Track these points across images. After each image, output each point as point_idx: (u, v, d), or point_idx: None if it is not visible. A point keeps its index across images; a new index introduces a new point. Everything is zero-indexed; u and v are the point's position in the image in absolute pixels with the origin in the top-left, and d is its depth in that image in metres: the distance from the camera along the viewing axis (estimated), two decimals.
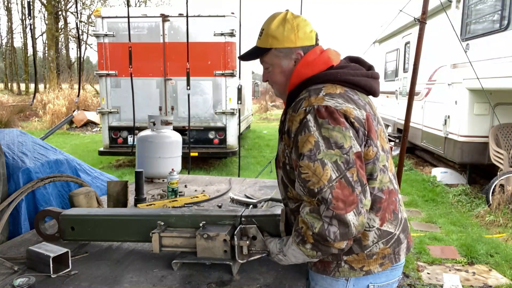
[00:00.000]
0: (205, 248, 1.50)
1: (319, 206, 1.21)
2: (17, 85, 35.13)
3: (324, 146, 1.22)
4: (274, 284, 1.45)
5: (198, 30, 7.23)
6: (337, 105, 1.27)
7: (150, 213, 1.75)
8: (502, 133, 5.70)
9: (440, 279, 3.47)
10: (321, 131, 1.23)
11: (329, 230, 1.19)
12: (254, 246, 1.47)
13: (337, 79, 1.35)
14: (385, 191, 1.34)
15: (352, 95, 1.34)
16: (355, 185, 1.21)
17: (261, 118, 19.67)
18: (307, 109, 1.26)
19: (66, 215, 1.78)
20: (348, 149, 1.22)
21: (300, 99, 1.33)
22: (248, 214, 1.58)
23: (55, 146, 2.83)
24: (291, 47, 1.41)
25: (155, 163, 2.99)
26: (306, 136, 1.24)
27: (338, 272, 1.36)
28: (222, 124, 7.62)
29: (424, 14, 3.30)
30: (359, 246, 1.33)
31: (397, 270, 1.42)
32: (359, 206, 1.20)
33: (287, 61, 1.42)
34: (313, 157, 1.21)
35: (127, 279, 1.48)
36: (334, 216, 1.18)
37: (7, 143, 2.37)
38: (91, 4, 28.27)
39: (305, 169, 1.22)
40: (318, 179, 1.20)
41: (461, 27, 6.03)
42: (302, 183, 1.24)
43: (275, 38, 1.41)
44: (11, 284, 1.39)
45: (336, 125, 1.23)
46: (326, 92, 1.30)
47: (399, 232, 1.39)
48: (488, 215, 5.03)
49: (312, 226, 1.21)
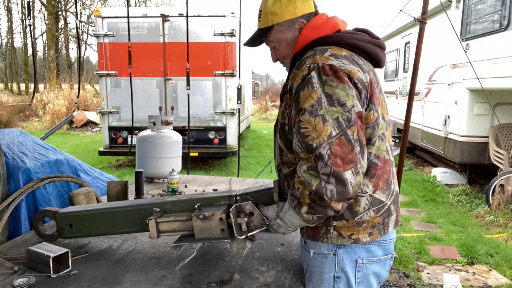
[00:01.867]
0: (202, 229, 1.49)
1: (316, 162, 1.18)
2: (17, 85, 35.13)
3: (327, 102, 1.21)
4: (274, 284, 1.46)
5: (198, 30, 7.23)
6: (342, 65, 1.26)
7: (146, 202, 1.75)
8: (502, 133, 5.70)
9: (440, 279, 3.47)
10: (324, 88, 1.22)
11: (326, 188, 1.17)
12: (252, 222, 1.47)
13: (343, 41, 1.34)
14: (381, 158, 1.33)
15: (357, 59, 1.33)
16: (354, 144, 1.19)
17: (261, 118, 19.67)
18: (312, 66, 1.26)
19: (63, 213, 1.78)
20: (350, 107, 1.21)
21: (305, 57, 1.31)
22: (243, 192, 1.57)
23: (55, 146, 2.83)
24: (292, 18, 1.41)
25: (155, 163, 2.99)
26: (308, 92, 1.23)
27: (326, 238, 1.34)
28: (222, 124, 7.62)
29: (424, 14, 3.30)
30: (350, 211, 1.32)
31: (386, 245, 1.39)
32: (358, 166, 1.19)
33: (291, 32, 1.42)
34: (315, 112, 1.20)
35: (127, 279, 1.48)
36: (332, 173, 1.16)
37: (7, 143, 2.37)
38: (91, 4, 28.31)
39: (305, 124, 1.21)
40: (318, 134, 1.19)
41: (461, 27, 6.03)
42: (301, 138, 1.22)
43: (274, 14, 1.41)
44: (11, 284, 1.39)
45: (339, 83, 1.22)
46: (331, 53, 1.29)
47: (390, 203, 1.37)
48: (488, 215, 5.03)
49: (309, 183, 1.19)
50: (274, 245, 1.82)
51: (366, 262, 1.37)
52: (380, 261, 1.39)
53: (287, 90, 1.35)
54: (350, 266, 1.36)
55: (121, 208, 1.74)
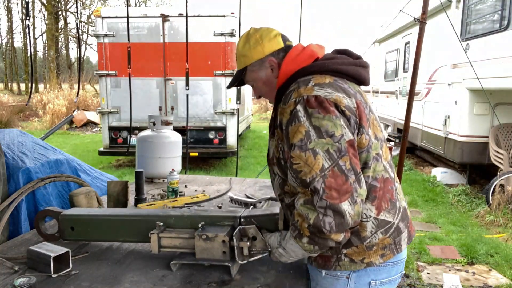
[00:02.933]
0: (203, 249, 1.49)
1: (312, 196, 1.18)
2: (17, 85, 35.13)
3: (315, 135, 1.20)
4: (274, 284, 1.46)
5: (198, 30, 7.23)
6: (327, 94, 1.26)
7: (149, 213, 1.75)
8: (502, 133, 5.70)
9: (440, 279, 3.48)
10: (312, 121, 1.22)
11: (324, 221, 1.16)
12: (254, 247, 1.46)
13: (324, 69, 1.35)
14: (379, 179, 1.32)
15: (341, 84, 1.32)
16: (348, 174, 1.18)
17: (261, 118, 19.67)
18: (297, 99, 1.26)
19: (66, 215, 1.78)
20: (339, 137, 1.20)
21: (290, 91, 1.32)
22: (247, 214, 1.57)
23: (55, 146, 2.83)
24: (261, 58, 1.44)
25: (155, 163, 2.99)
26: (296, 127, 1.23)
27: (339, 266, 1.33)
28: (222, 124, 7.62)
29: (424, 14, 3.31)
30: (357, 238, 1.31)
31: (398, 265, 1.39)
32: (354, 195, 1.17)
33: (264, 71, 1.46)
34: (304, 147, 1.20)
35: (127, 278, 1.48)
36: (328, 206, 1.16)
37: (7, 143, 2.37)
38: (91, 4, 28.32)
39: (297, 159, 1.21)
40: (310, 168, 1.18)
41: (461, 27, 6.03)
42: (294, 173, 1.22)
43: (245, 56, 1.46)
44: (11, 284, 1.39)
45: (326, 114, 1.22)
46: (315, 83, 1.29)
47: (398, 221, 1.35)
48: (488, 215, 5.03)
49: (307, 217, 1.19)
50: None
51: (379, 284, 1.37)
52: (391, 281, 1.40)
53: (277, 125, 1.36)
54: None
55: (124, 216, 1.74)
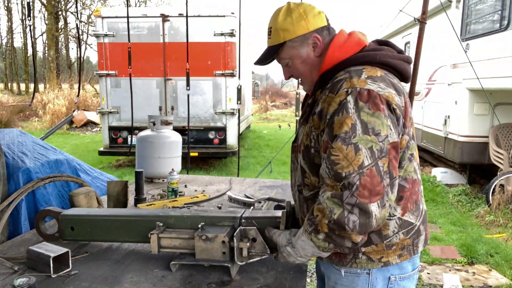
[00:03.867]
0: (203, 249, 1.49)
1: (342, 191, 1.14)
2: (17, 85, 35.12)
3: (361, 130, 1.16)
4: (274, 284, 1.45)
5: (198, 30, 7.22)
6: (380, 90, 1.21)
7: (149, 213, 1.75)
8: (502, 133, 5.70)
9: (440, 279, 3.47)
10: (360, 115, 1.17)
11: (349, 218, 1.13)
12: (254, 248, 1.46)
13: (376, 60, 1.30)
14: (408, 180, 1.30)
15: (392, 79, 1.28)
16: (384, 176, 1.15)
17: (261, 118, 19.67)
18: (349, 90, 1.20)
19: (66, 215, 1.78)
20: (384, 137, 1.16)
21: (339, 79, 1.25)
22: (248, 215, 1.57)
23: (55, 146, 2.83)
24: (304, 34, 1.35)
25: (155, 163, 2.99)
26: (343, 118, 1.18)
27: (356, 264, 1.31)
28: (222, 124, 7.62)
29: (424, 14, 3.31)
30: (378, 236, 1.28)
31: (414, 261, 1.39)
32: (384, 199, 1.14)
33: (305, 48, 1.36)
34: (348, 140, 1.15)
35: (127, 279, 1.48)
36: (357, 204, 1.12)
37: (7, 143, 2.37)
38: (91, 4, 28.31)
39: (337, 151, 1.16)
40: (349, 163, 1.14)
41: (461, 27, 6.03)
42: (330, 165, 1.17)
43: (286, 30, 1.35)
44: (11, 284, 1.39)
45: (376, 111, 1.17)
46: (368, 75, 1.23)
47: (420, 224, 1.34)
48: (488, 215, 5.03)
49: (332, 211, 1.15)
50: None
51: (399, 279, 1.35)
52: (410, 276, 1.38)
53: (316, 112, 1.30)
54: (382, 283, 1.34)
55: (124, 217, 1.74)
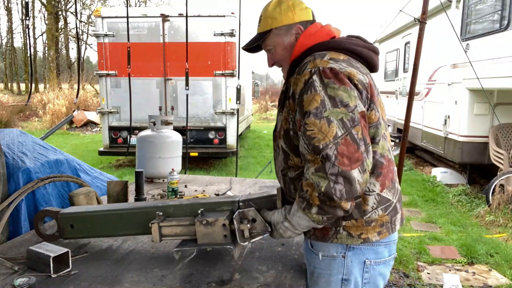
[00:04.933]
0: (204, 234, 1.50)
1: (324, 164, 1.20)
2: (17, 85, 35.14)
3: (330, 104, 1.23)
4: (274, 283, 1.46)
5: (198, 30, 7.23)
6: (341, 67, 1.29)
7: (148, 205, 1.75)
8: (502, 133, 5.70)
9: (440, 279, 3.47)
10: (327, 90, 1.25)
11: (335, 188, 1.19)
12: (254, 228, 1.48)
13: (340, 47, 1.39)
14: (385, 157, 1.36)
15: (354, 63, 1.37)
16: (360, 143, 1.22)
17: (261, 118, 19.67)
18: (313, 70, 1.29)
19: (65, 213, 1.78)
20: (353, 107, 1.24)
21: (305, 63, 1.34)
22: (245, 198, 1.58)
23: (55, 146, 2.83)
24: (290, 24, 1.45)
25: (155, 163, 3.00)
26: (312, 95, 1.26)
27: (336, 239, 1.36)
28: (222, 124, 7.62)
29: (424, 14, 3.31)
30: (358, 211, 1.33)
31: (391, 246, 1.43)
32: (364, 164, 1.21)
33: (288, 37, 1.46)
34: (319, 115, 1.23)
35: (127, 278, 1.48)
36: (340, 173, 1.18)
37: (7, 143, 2.37)
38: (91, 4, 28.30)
39: (311, 126, 1.23)
40: (324, 135, 1.21)
41: (461, 27, 6.03)
42: (307, 140, 1.24)
43: (273, 18, 1.46)
44: (11, 284, 1.39)
45: (341, 85, 1.25)
46: (330, 57, 1.33)
47: (396, 201, 1.40)
48: (488, 215, 5.03)
49: (318, 185, 1.21)
50: (274, 245, 1.82)
51: (374, 264, 1.39)
52: (386, 262, 1.42)
53: (289, 96, 1.37)
54: (358, 268, 1.38)
55: (123, 210, 1.74)
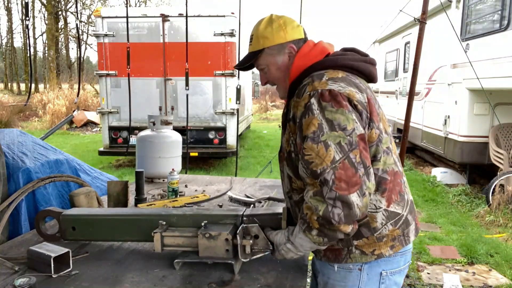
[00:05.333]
0: (207, 247, 1.51)
1: (321, 188, 1.21)
2: (17, 85, 35.14)
3: (328, 128, 1.23)
4: (274, 284, 1.45)
5: (198, 30, 7.23)
6: (340, 88, 1.29)
7: (151, 212, 1.75)
8: (502, 133, 5.70)
9: (440, 279, 3.47)
10: (325, 114, 1.25)
11: (333, 212, 1.19)
12: (256, 245, 1.48)
13: (337, 64, 1.38)
14: (389, 172, 1.36)
15: (353, 79, 1.36)
16: (358, 167, 1.21)
17: (261, 118, 19.66)
18: (311, 93, 1.29)
19: (67, 215, 1.78)
20: (351, 131, 1.24)
21: (304, 85, 1.34)
22: (250, 213, 1.59)
23: (55, 146, 2.83)
24: (282, 43, 1.45)
25: (155, 163, 2.99)
26: (310, 119, 1.26)
27: (350, 259, 1.36)
28: (222, 124, 7.62)
29: (424, 14, 3.31)
30: (368, 229, 1.33)
31: (406, 255, 1.43)
32: (363, 188, 1.20)
33: (281, 56, 1.46)
34: (317, 139, 1.23)
35: (128, 279, 1.48)
36: (337, 197, 1.18)
37: (7, 143, 2.37)
38: (91, 4, 28.30)
39: (309, 151, 1.24)
40: (322, 160, 1.21)
41: (461, 27, 6.03)
42: (305, 164, 1.25)
43: (265, 38, 1.46)
44: (12, 284, 1.39)
45: (339, 108, 1.25)
46: (329, 77, 1.32)
47: (407, 214, 1.40)
48: (488, 215, 5.03)
49: (316, 209, 1.21)
50: None
51: (390, 274, 1.40)
52: (401, 271, 1.43)
53: (290, 118, 1.38)
54: (375, 280, 1.39)
55: (126, 216, 1.75)
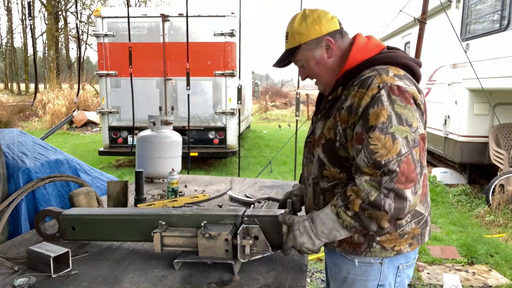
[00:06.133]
0: (206, 247, 1.51)
1: (381, 177, 1.21)
2: (17, 85, 35.12)
3: (396, 121, 1.24)
4: (274, 284, 1.45)
5: (198, 30, 7.23)
6: (406, 86, 1.30)
7: (151, 212, 1.75)
8: (502, 133, 5.70)
9: (440, 279, 3.47)
10: (394, 107, 1.25)
11: (385, 201, 1.20)
12: (255, 246, 1.48)
13: (397, 61, 1.40)
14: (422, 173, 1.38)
15: (412, 79, 1.39)
16: (417, 164, 1.23)
17: (261, 118, 19.66)
18: (381, 85, 1.29)
19: (67, 215, 1.78)
20: (415, 128, 1.26)
21: (368, 76, 1.33)
22: (250, 214, 1.58)
23: (55, 146, 2.83)
24: (318, 37, 1.44)
25: (155, 163, 2.99)
26: (379, 110, 1.25)
27: (370, 253, 1.38)
28: (222, 124, 7.62)
29: (424, 14, 3.31)
30: (393, 226, 1.36)
31: (417, 249, 1.49)
32: (417, 186, 1.22)
33: (319, 50, 1.45)
34: (385, 130, 1.23)
35: (127, 279, 1.48)
36: (394, 189, 1.19)
37: (7, 143, 2.37)
38: (91, 4, 28.31)
39: (375, 141, 1.24)
40: (387, 151, 1.21)
41: (461, 27, 6.03)
42: (369, 154, 1.24)
43: (301, 34, 1.45)
44: (11, 284, 1.39)
45: (407, 104, 1.27)
46: (394, 73, 1.33)
47: (427, 214, 1.45)
48: (488, 215, 5.03)
49: (369, 193, 1.21)
50: None
51: (405, 267, 1.45)
52: (412, 264, 1.49)
53: (343, 107, 1.36)
54: (392, 273, 1.43)
55: (125, 216, 1.74)
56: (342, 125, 1.36)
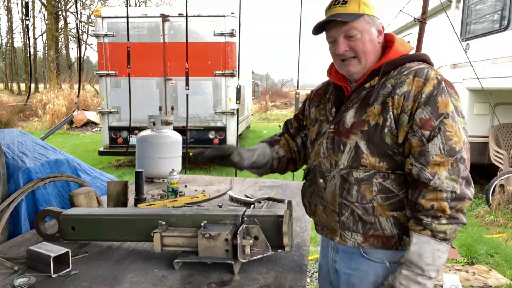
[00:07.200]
0: (206, 247, 1.51)
1: (457, 166, 1.26)
2: (17, 85, 35.13)
3: (456, 112, 1.30)
4: (274, 284, 1.45)
5: (198, 30, 7.23)
6: None
7: (151, 212, 1.75)
8: (502, 133, 5.70)
9: (440, 279, 3.47)
10: (452, 100, 1.31)
11: (465, 190, 1.27)
12: (256, 246, 1.48)
13: (428, 61, 1.45)
14: None
15: None
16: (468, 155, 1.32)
17: (261, 118, 19.66)
18: (439, 77, 1.33)
19: (67, 215, 1.78)
20: (465, 122, 1.33)
21: (421, 68, 1.35)
22: (250, 214, 1.58)
23: (55, 146, 2.83)
24: (377, 17, 1.43)
25: (155, 163, 2.99)
26: (446, 99, 1.30)
27: (401, 246, 1.38)
28: (222, 124, 7.62)
29: (424, 14, 3.31)
30: None
31: None
32: None
33: (374, 29, 1.41)
34: (454, 119, 1.28)
35: (127, 279, 1.48)
36: (466, 176, 1.28)
37: (7, 143, 2.37)
38: (91, 4, 28.32)
39: (450, 128, 1.27)
40: (459, 139, 1.27)
41: (461, 27, 6.02)
42: (446, 140, 1.27)
43: (366, 5, 1.40)
44: (11, 284, 1.39)
45: (459, 98, 1.35)
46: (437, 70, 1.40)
47: None
48: (488, 215, 5.03)
49: (453, 190, 1.25)
50: None
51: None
52: None
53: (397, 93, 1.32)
54: None
55: (125, 216, 1.74)
56: (395, 110, 1.33)
